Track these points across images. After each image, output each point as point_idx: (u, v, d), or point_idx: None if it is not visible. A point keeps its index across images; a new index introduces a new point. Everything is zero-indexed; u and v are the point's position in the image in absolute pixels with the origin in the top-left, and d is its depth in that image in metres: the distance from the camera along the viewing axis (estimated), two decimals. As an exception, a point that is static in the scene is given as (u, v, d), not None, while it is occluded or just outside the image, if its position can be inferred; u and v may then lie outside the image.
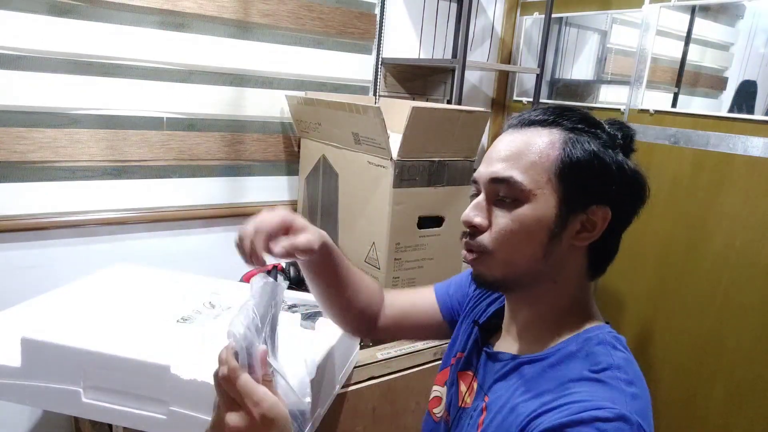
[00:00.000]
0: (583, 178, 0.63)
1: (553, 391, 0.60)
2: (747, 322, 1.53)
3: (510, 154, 0.65)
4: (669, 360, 1.71)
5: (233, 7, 1.53)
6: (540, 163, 0.63)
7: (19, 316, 1.07)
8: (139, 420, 0.89)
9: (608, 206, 0.64)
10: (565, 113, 0.66)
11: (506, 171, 0.64)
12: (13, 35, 1.28)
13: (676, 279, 1.68)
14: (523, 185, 0.63)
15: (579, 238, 0.65)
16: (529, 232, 0.64)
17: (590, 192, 0.64)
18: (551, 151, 0.63)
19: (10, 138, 1.31)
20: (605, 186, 0.64)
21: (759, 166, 1.49)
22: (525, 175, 0.63)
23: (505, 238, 0.64)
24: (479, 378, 0.73)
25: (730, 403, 1.58)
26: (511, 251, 0.65)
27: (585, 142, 0.64)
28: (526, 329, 0.70)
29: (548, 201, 0.63)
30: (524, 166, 0.64)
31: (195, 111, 1.55)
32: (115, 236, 1.49)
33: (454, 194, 1.44)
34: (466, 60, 1.66)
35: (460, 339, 0.83)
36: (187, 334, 1.01)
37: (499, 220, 0.65)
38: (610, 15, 1.93)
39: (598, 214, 0.64)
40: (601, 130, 0.66)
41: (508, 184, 0.64)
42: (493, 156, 0.67)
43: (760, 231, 1.49)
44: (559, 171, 0.63)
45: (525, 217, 0.63)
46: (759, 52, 1.58)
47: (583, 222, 0.64)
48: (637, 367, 0.63)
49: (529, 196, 0.63)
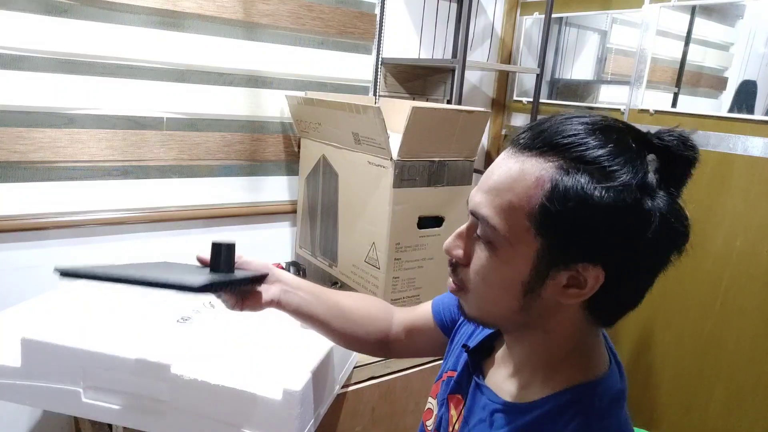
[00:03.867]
0: (565, 231, 0.51)
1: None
2: (747, 323, 1.53)
3: (494, 185, 0.55)
4: (669, 361, 1.71)
5: (233, 7, 1.53)
6: (519, 206, 0.52)
7: (19, 316, 1.07)
8: (139, 420, 0.89)
9: (600, 265, 0.51)
10: (573, 133, 0.51)
11: (483, 208, 0.55)
12: (14, 35, 1.28)
13: (676, 279, 1.68)
14: (497, 230, 0.53)
15: (567, 294, 0.54)
16: (502, 282, 0.55)
17: (575, 247, 0.51)
18: (535, 191, 0.51)
19: (10, 138, 1.31)
20: (594, 242, 0.50)
21: (759, 166, 1.49)
22: (500, 219, 0.53)
23: (477, 280, 0.58)
24: (466, 409, 0.69)
25: (730, 404, 1.58)
26: (484, 297, 0.58)
27: (581, 183, 0.49)
28: (519, 371, 0.64)
29: (525, 251, 0.53)
30: (501, 206, 0.53)
31: (195, 111, 1.55)
32: (115, 236, 1.49)
33: (454, 194, 1.44)
34: (466, 60, 1.66)
35: (452, 357, 0.79)
36: (187, 334, 1.01)
37: (476, 259, 0.57)
38: (610, 15, 1.93)
39: (589, 273, 0.52)
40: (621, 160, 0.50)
41: (485, 223, 0.55)
42: (483, 181, 0.57)
43: (761, 231, 1.49)
44: (538, 220, 0.51)
45: (498, 266, 0.55)
46: (759, 52, 1.58)
47: (570, 277, 0.53)
48: None
49: (504, 244, 0.54)
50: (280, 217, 1.77)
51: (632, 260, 0.52)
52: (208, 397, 0.86)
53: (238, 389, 0.85)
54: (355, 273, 1.48)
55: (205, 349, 0.96)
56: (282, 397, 0.83)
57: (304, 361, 0.92)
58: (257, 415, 0.85)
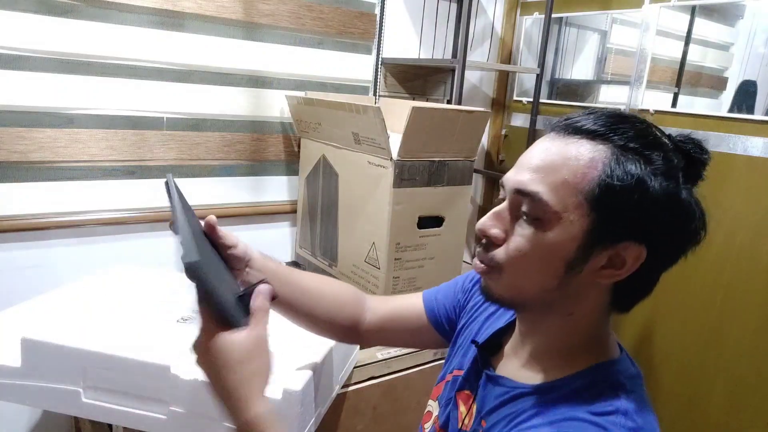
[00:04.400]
0: (621, 209, 0.54)
1: (550, 426, 0.56)
2: (748, 321, 1.53)
3: (542, 164, 0.56)
4: (670, 358, 1.71)
5: (233, 7, 1.53)
6: (574, 183, 0.54)
7: (19, 316, 1.07)
8: (139, 420, 0.89)
9: (644, 244, 0.55)
10: (620, 126, 0.56)
11: (533, 185, 0.56)
12: (14, 35, 1.28)
13: (677, 278, 1.68)
14: (549, 205, 0.55)
15: (602, 275, 0.57)
16: (545, 260, 0.56)
17: (625, 226, 0.54)
18: (589, 170, 0.54)
19: (10, 138, 1.31)
20: (645, 221, 0.54)
21: (759, 166, 1.49)
22: (553, 194, 0.55)
23: (516, 258, 0.58)
24: (478, 402, 0.69)
25: (731, 400, 1.58)
26: (521, 275, 0.58)
27: (633, 166, 0.54)
28: (535, 358, 0.65)
29: (573, 228, 0.55)
30: (555, 182, 0.55)
31: (195, 111, 1.55)
32: (115, 236, 1.49)
33: (454, 194, 1.44)
34: (466, 60, 1.66)
35: (457, 356, 0.79)
36: (187, 334, 1.01)
37: (516, 237, 0.57)
38: (610, 15, 1.93)
39: (631, 252, 0.55)
40: (661, 150, 0.56)
41: (532, 200, 0.56)
42: (524, 162, 0.58)
43: (760, 230, 1.49)
44: (593, 196, 0.54)
45: (543, 242, 0.56)
46: (759, 52, 1.58)
47: (611, 257, 0.56)
48: (651, 412, 0.58)
49: (553, 219, 0.55)
50: (280, 217, 1.77)
51: (668, 244, 0.57)
52: (207, 397, 0.86)
53: (238, 389, 0.85)
54: (356, 273, 1.48)
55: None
56: (282, 397, 0.83)
57: (304, 360, 0.92)
58: (257, 415, 0.85)
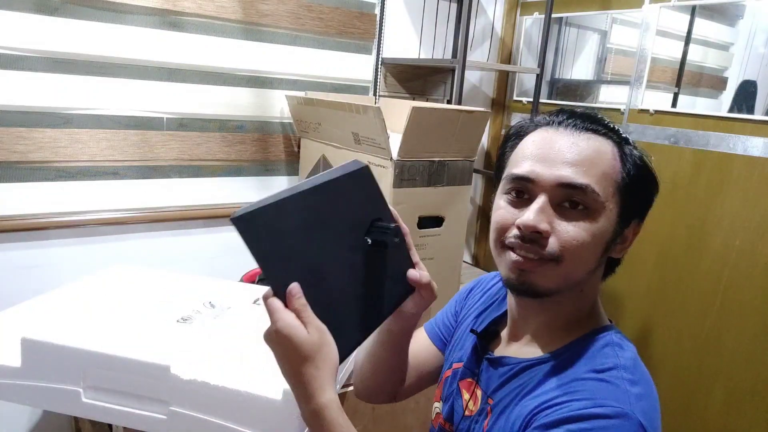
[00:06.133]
0: (639, 192, 0.64)
1: (557, 389, 0.60)
2: (746, 322, 1.53)
3: (580, 159, 0.61)
4: (668, 360, 1.71)
5: (233, 7, 1.53)
6: (609, 174, 0.62)
7: (19, 316, 1.07)
8: (139, 420, 0.89)
9: (641, 220, 0.65)
10: (608, 122, 0.65)
11: (582, 177, 0.60)
12: (14, 35, 1.28)
13: (676, 279, 1.68)
14: (599, 196, 0.60)
15: (615, 250, 0.65)
16: (595, 245, 0.62)
17: (640, 206, 0.65)
18: (616, 163, 0.62)
19: (10, 138, 1.31)
20: (651, 199, 0.65)
21: (759, 166, 1.49)
22: (599, 186, 0.61)
23: (574, 249, 0.61)
24: (482, 385, 0.72)
25: (729, 403, 1.58)
26: (578, 263, 0.62)
27: (637, 156, 0.64)
28: (537, 335, 0.69)
29: (612, 215, 0.62)
30: (598, 175, 0.61)
31: (195, 111, 1.55)
32: (115, 236, 1.49)
33: (454, 194, 1.44)
34: (466, 60, 1.66)
35: (454, 351, 0.81)
36: (187, 334, 1.01)
37: (568, 228, 0.60)
38: (610, 15, 1.93)
39: (632, 228, 0.65)
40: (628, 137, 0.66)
41: (583, 192, 0.60)
42: (554, 157, 0.62)
43: (760, 231, 1.49)
44: (622, 185, 0.62)
45: (595, 229, 0.61)
46: (759, 52, 1.58)
47: (626, 233, 0.65)
48: (644, 368, 0.63)
49: (600, 209, 0.61)
50: None
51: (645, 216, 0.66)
52: (207, 397, 0.86)
53: (238, 389, 0.85)
54: (355, 273, 1.48)
55: (205, 349, 0.96)
56: (282, 397, 0.83)
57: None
58: (257, 415, 0.85)
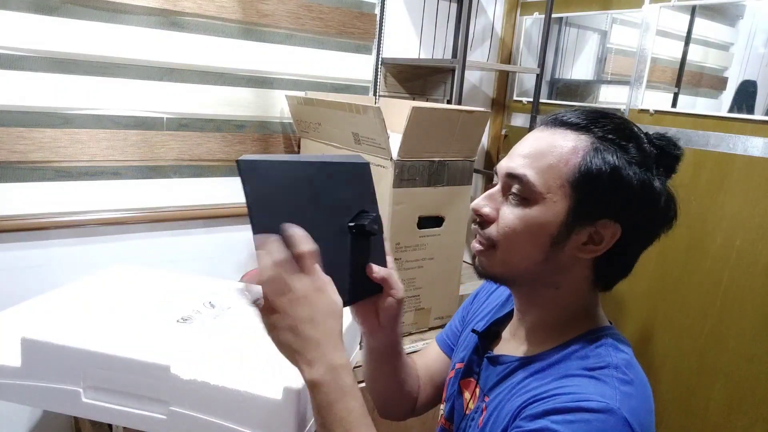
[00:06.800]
0: (598, 191, 0.61)
1: (548, 384, 0.61)
2: (747, 322, 1.53)
3: (531, 152, 0.64)
4: (669, 360, 1.71)
5: (233, 7, 1.53)
6: (557, 167, 0.62)
7: (19, 316, 1.07)
8: (139, 420, 0.89)
9: (619, 223, 0.62)
10: (600, 120, 0.64)
11: (522, 168, 0.63)
12: (14, 35, 1.28)
13: (676, 279, 1.68)
14: (535, 186, 0.62)
15: (584, 250, 0.64)
16: (532, 234, 0.63)
17: (602, 206, 0.62)
18: (572, 157, 0.62)
19: (10, 138, 1.31)
20: (620, 203, 0.62)
21: (759, 166, 1.49)
22: (539, 177, 0.62)
23: (507, 235, 0.64)
24: (481, 383, 0.73)
25: (730, 402, 1.58)
26: (512, 250, 0.65)
27: (610, 155, 0.61)
28: (532, 332, 0.70)
29: (557, 207, 0.62)
30: (541, 167, 0.63)
31: (195, 111, 1.55)
32: (115, 236, 1.49)
33: (454, 194, 1.44)
34: (466, 60, 1.66)
35: (458, 352, 0.83)
36: (187, 334, 1.01)
37: (506, 215, 0.64)
38: (610, 15, 1.93)
39: (608, 230, 0.63)
40: (636, 143, 0.63)
41: (520, 182, 0.63)
42: (516, 151, 0.66)
43: (760, 231, 1.49)
44: (574, 179, 0.62)
45: (530, 218, 0.63)
46: (759, 52, 1.58)
47: (591, 234, 0.63)
48: (640, 370, 0.63)
49: (539, 199, 0.62)
50: None
51: (641, 225, 0.64)
52: (207, 397, 0.86)
53: (238, 389, 0.85)
54: (355, 273, 1.48)
55: (205, 349, 0.96)
56: (282, 397, 0.83)
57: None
58: (257, 415, 0.85)
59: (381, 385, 0.82)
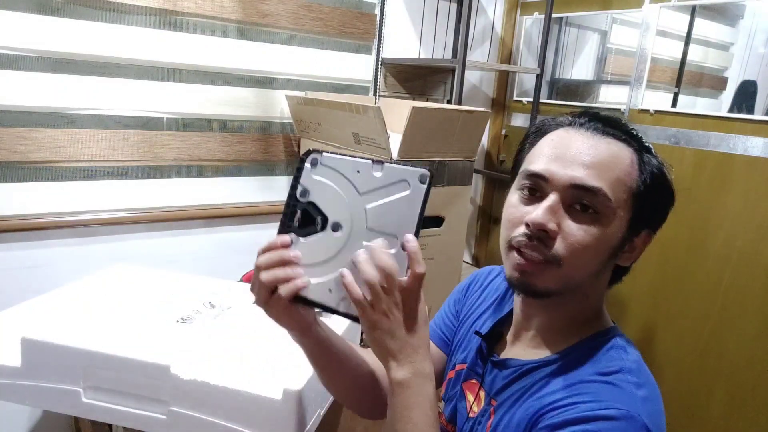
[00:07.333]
0: (653, 202, 0.63)
1: (563, 390, 0.60)
2: (748, 323, 1.53)
3: (596, 162, 0.60)
4: (670, 361, 1.71)
5: (233, 7, 1.53)
6: (624, 181, 0.61)
7: (19, 316, 1.07)
8: (139, 420, 0.89)
9: (653, 231, 0.64)
10: (630, 129, 0.64)
11: (595, 180, 0.60)
12: (14, 35, 1.28)
13: (677, 279, 1.68)
14: (611, 201, 0.60)
15: (623, 258, 0.64)
16: (599, 250, 0.61)
17: (653, 216, 0.64)
18: (632, 170, 0.61)
19: (10, 138, 1.31)
20: (665, 210, 0.64)
21: (759, 166, 1.49)
22: (612, 191, 0.60)
23: (578, 252, 0.60)
24: (486, 387, 0.72)
25: (731, 404, 1.58)
26: (579, 266, 0.61)
27: (654, 165, 0.63)
28: (541, 336, 0.69)
29: (622, 221, 0.61)
30: (612, 180, 0.60)
31: (195, 111, 1.55)
32: (115, 236, 1.49)
33: (454, 194, 1.44)
34: (466, 60, 1.66)
35: (457, 352, 0.81)
36: (187, 334, 1.01)
37: (574, 230, 0.60)
38: (610, 15, 1.93)
39: (642, 238, 0.64)
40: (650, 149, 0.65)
41: (595, 196, 0.59)
42: (570, 158, 0.61)
43: (761, 231, 1.49)
44: (636, 193, 0.61)
45: (603, 234, 0.60)
46: (759, 52, 1.58)
47: (634, 241, 0.64)
48: (649, 371, 0.63)
49: (610, 214, 0.60)
50: (280, 218, 1.77)
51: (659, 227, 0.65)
52: (207, 397, 0.86)
53: (238, 389, 0.85)
54: (355, 273, 1.48)
55: (205, 349, 0.96)
56: (282, 397, 0.83)
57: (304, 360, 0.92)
58: (257, 415, 0.85)
59: (334, 387, 0.75)
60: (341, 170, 0.58)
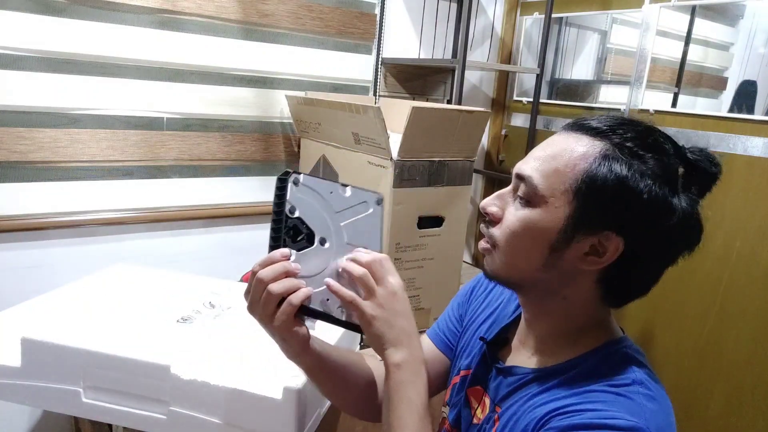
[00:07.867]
0: (600, 200, 0.58)
1: (572, 396, 0.60)
2: (747, 324, 1.53)
3: (544, 154, 0.62)
4: (669, 362, 1.71)
5: (233, 7, 1.53)
6: (563, 172, 0.60)
7: (19, 316, 1.07)
8: (139, 420, 0.89)
9: (623, 237, 0.58)
10: (621, 127, 0.60)
11: (529, 170, 0.62)
12: (14, 35, 1.28)
13: (676, 280, 1.67)
14: (538, 189, 0.61)
15: (586, 261, 0.61)
16: (531, 238, 0.62)
17: (605, 217, 0.59)
18: (579, 162, 0.59)
19: (10, 138, 1.31)
20: (624, 216, 0.58)
21: (759, 166, 1.49)
22: (544, 180, 0.60)
23: (508, 236, 0.63)
24: (490, 393, 0.71)
25: (730, 405, 1.58)
26: (512, 253, 0.63)
27: (619, 164, 0.58)
28: (543, 342, 0.69)
29: (558, 213, 0.60)
30: (548, 170, 0.61)
31: (195, 111, 1.55)
32: (115, 236, 1.49)
33: (454, 194, 1.45)
34: (466, 60, 1.66)
35: (462, 357, 0.80)
36: (187, 334, 1.01)
37: (509, 215, 0.64)
38: (610, 15, 1.93)
39: (611, 242, 0.59)
40: (657, 154, 0.59)
41: (525, 183, 0.62)
42: (532, 153, 0.65)
43: (761, 231, 1.49)
44: (576, 186, 0.59)
45: (530, 221, 0.61)
46: (759, 52, 1.58)
47: (593, 245, 0.60)
48: (660, 384, 0.63)
49: (541, 202, 0.61)
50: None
51: (649, 243, 0.60)
52: (207, 397, 0.86)
53: (238, 389, 0.85)
54: (355, 273, 1.48)
55: (205, 349, 0.96)
56: (282, 397, 0.84)
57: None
58: (257, 415, 0.85)
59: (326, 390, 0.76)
60: (318, 190, 0.64)
